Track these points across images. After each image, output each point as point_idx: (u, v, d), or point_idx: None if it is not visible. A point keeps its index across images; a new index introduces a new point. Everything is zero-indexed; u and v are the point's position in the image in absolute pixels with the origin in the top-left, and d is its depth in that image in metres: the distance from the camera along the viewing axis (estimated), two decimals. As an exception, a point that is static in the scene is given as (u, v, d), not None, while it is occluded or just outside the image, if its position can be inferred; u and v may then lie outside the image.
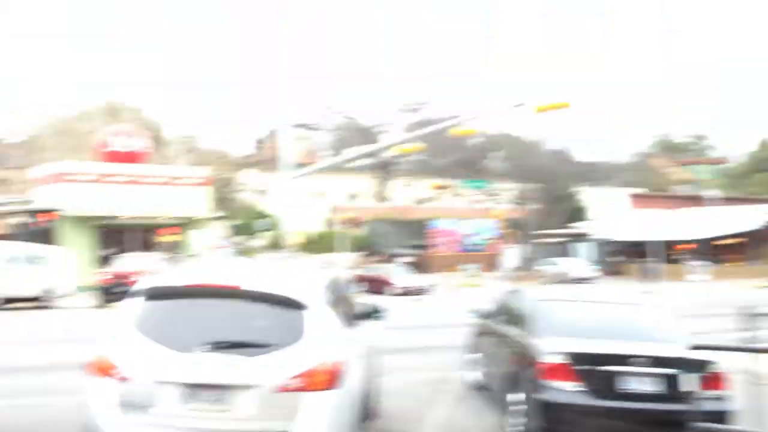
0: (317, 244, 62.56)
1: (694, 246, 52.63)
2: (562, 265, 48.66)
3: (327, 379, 5.52)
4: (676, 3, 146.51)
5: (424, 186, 59.12)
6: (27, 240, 31.53)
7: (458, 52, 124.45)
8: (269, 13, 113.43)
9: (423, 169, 64.61)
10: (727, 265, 54.49)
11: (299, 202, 62.32)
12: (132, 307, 5.94)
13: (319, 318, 5.87)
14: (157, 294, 6.00)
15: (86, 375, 5.66)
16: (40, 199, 37.77)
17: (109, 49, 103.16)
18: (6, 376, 10.65)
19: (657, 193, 71.62)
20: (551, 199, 52.74)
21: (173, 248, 36.97)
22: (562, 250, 56.43)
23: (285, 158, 30.92)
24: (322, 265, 7.58)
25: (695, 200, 67.28)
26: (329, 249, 59.22)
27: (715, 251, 54.35)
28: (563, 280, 45.89)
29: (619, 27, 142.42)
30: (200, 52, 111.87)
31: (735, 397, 7.42)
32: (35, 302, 26.18)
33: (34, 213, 36.18)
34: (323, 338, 5.76)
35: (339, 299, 7.05)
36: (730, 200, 66.19)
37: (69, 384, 9.92)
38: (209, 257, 33.80)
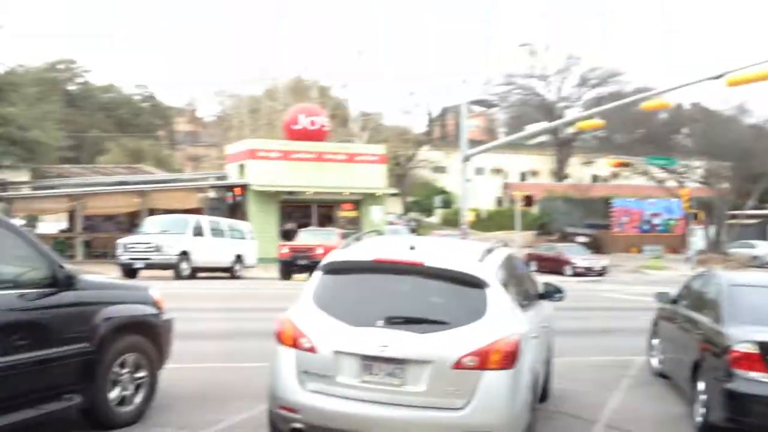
0: (491, 222, 62.34)
1: None
2: (756, 248, 45.48)
3: (503, 359, 5.49)
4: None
5: (604, 163, 57.07)
6: (220, 214, 33.64)
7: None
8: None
9: (603, 146, 62.40)
10: None
11: (475, 179, 62.37)
12: (317, 281, 6.18)
13: (497, 297, 5.85)
14: (340, 268, 6.21)
15: (274, 343, 5.95)
16: (231, 175, 40.18)
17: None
18: (198, 341, 11.40)
19: None
20: (747, 178, 49.13)
21: (351, 224, 38.13)
22: (758, 232, 52.60)
23: (462, 135, 30.90)
24: (497, 243, 7.56)
25: None
26: (503, 227, 58.81)
27: None
28: (757, 264, 42.90)
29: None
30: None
31: None
32: (225, 272, 27.89)
33: (226, 188, 38.54)
34: (501, 317, 5.75)
35: (516, 278, 7.02)
36: None
37: (255, 350, 10.53)
38: (387, 233, 34.54)
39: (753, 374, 6.88)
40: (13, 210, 35.13)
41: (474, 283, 5.83)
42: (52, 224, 42.75)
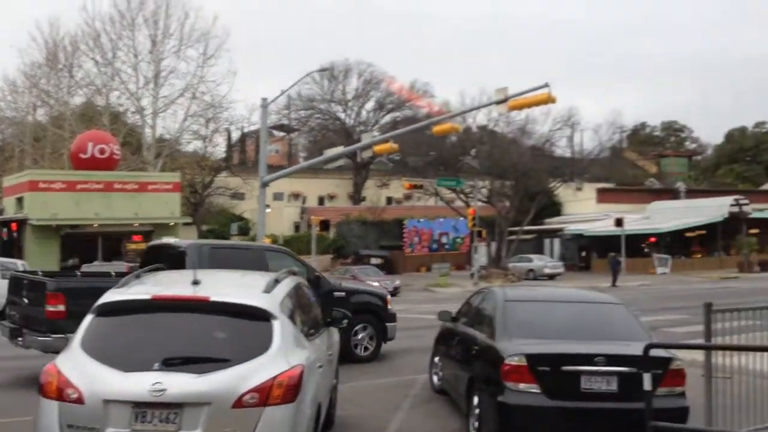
0: (288, 247, 62.20)
1: (657, 239, 53.29)
2: (531, 262, 48.99)
3: (285, 393, 5.43)
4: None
5: (399, 186, 59.14)
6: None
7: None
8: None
9: (398, 169, 64.66)
10: (695, 256, 55.35)
11: (273, 205, 62.05)
12: (87, 324, 5.81)
13: (283, 329, 5.78)
14: (114, 309, 5.89)
15: (38, 394, 5.54)
16: (8, 209, 37.26)
17: None
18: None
19: (626, 187, 72.30)
20: (526, 196, 52.89)
21: (141, 256, 36.52)
22: (535, 246, 56.69)
23: (261, 161, 30.68)
24: (286, 272, 7.56)
25: (664, 193, 68.21)
26: (300, 252, 58.89)
27: (682, 244, 55.08)
28: (532, 276, 46.24)
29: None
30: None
31: (692, 393, 7.48)
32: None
33: (2, 223, 35.70)
34: (285, 350, 5.68)
35: (303, 307, 7.01)
36: (699, 192, 67.19)
37: (21, 403, 9.70)
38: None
39: (522, 386, 7.23)
40: None
41: (259, 316, 5.74)
42: None
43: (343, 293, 13.57)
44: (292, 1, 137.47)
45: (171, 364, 5.39)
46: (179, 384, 5.27)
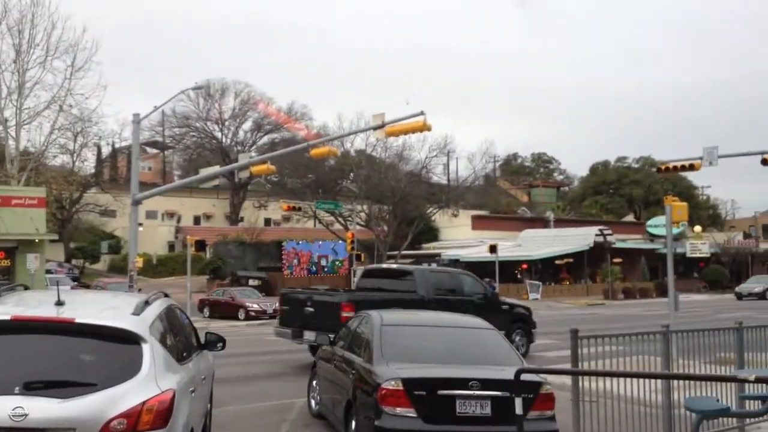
0: (162, 268, 60.64)
1: (529, 266, 55.28)
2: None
3: (155, 418, 5.27)
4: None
5: (277, 207, 58.74)
6: None
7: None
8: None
9: (276, 191, 64.10)
10: (564, 283, 57.74)
11: (146, 223, 60.26)
12: None
13: (153, 352, 5.62)
14: None
15: None
16: None
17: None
18: None
19: (500, 215, 74.71)
20: (403, 221, 53.68)
21: (4, 274, 34.61)
22: (412, 271, 57.44)
23: (133, 177, 29.73)
24: (157, 294, 7.29)
25: (536, 222, 70.95)
26: (175, 272, 57.43)
27: (553, 270, 57.35)
28: None
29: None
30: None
31: (561, 416, 7.74)
32: None
33: None
34: (155, 374, 5.51)
35: (175, 330, 6.84)
36: (567, 222, 70.27)
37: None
38: (41, 285, 31.83)
39: (399, 410, 7.27)
40: None
41: (128, 339, 5.56)
42: None
43: (508, 306, 18.16)
44: (168, 17, 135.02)
45: (33, 387, 5.14)
46: (42, 408, 5.04)
